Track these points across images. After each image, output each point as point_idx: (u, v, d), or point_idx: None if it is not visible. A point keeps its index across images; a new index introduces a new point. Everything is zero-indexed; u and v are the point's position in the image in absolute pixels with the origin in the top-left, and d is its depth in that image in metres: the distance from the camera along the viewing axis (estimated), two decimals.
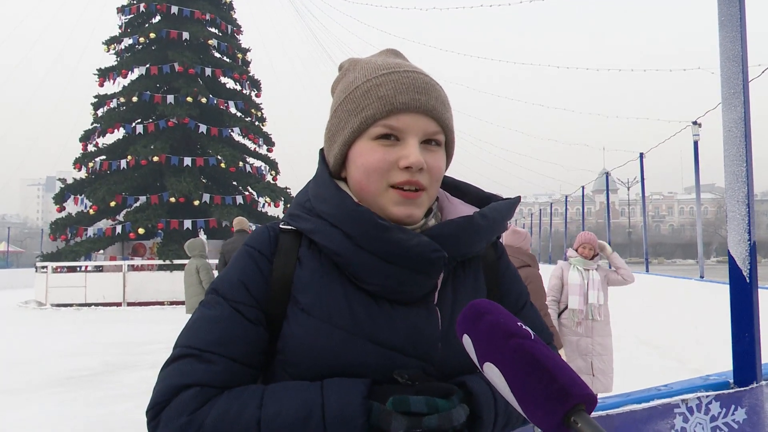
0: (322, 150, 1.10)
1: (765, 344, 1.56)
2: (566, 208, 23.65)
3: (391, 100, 0.97)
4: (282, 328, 0.98)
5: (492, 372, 0.71)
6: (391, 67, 1.01)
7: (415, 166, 0.95)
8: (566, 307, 5.20)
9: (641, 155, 13.95)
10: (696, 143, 10.76)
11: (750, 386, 1.31)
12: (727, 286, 1.36)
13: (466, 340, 0.75)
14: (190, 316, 1.05)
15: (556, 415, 0.64)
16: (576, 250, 5.41)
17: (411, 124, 0.97)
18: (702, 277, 9.66)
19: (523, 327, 0.72)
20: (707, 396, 1.25)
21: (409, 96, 0.98)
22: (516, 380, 0.68)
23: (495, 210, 1.05)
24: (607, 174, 18.67)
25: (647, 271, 13.02)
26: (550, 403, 0.64)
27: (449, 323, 1.00)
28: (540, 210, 35.00)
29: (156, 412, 0.91)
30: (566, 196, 23.98)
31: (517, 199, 1.11)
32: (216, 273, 10.13)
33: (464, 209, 1.07)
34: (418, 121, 0.98)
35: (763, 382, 1.35)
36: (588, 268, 5.27)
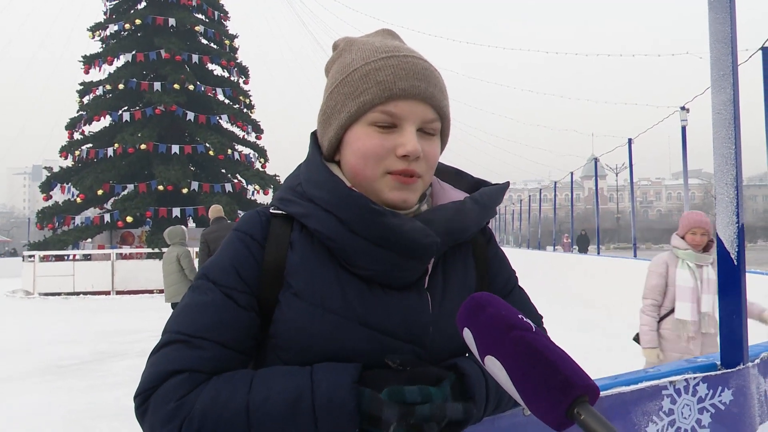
0: (314, 133, 1.08)
1: (752, 327, 1.57)
2: (555, 194, 23.73)
3: (390, 86, 0.95)
4: (274, 313, 0.97)
5: (494, 365, 0.70)
6: (390, 51, 0.99)
7: (412, 155, 0.95)
8: (668, 314, 4.08)
9: (629, 141, 14.01)
10: (684, 128, 10.81)
11: (737, 368, 1.32)
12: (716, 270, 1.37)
13: (467, 334, 0.74)
14: (170, 304, 1.04)
15: (559, 407, 0.64)
16: (683, 238, 4.09)
17: (409, 111, 0.96)
18: None
19: (524, 319, 0.71)
20: (695, 378, 1.25)
21: (408, 82, 0.96)
22: (518, 373, 0.67)
23: (486, 195, 1.05)
24: (596, 160, 18.74)
25: (635, 256, 13.13)
26: (553, 395, 0.64)
27: (440, 307, 1.00)
28: (529, 196, 35.11)
29: (144, 398, 0.90)
30: (555, 182, 24.05)
31: (507, 184, 1.11)
32: (197, 261, 10.04)
33: (455, 194, 1.07)
34: (416, 108, 0.96)
35: (750, 364, 1.36)
36: (702, 263, 4.00)
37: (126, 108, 21.78)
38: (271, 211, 1.03)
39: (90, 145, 21.72)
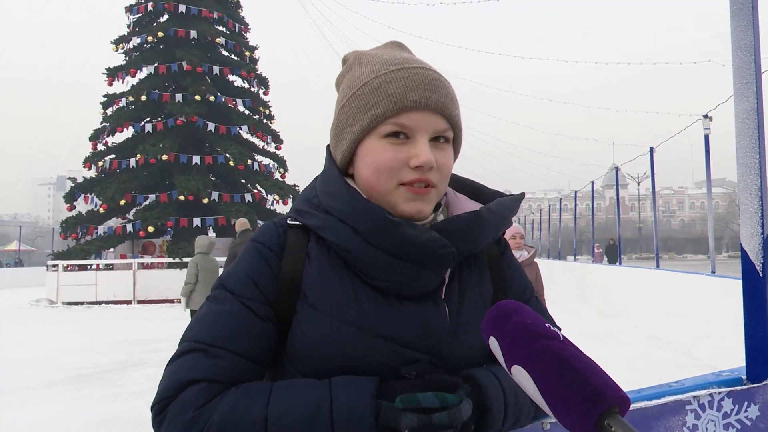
0: (328, 146, 1.08)
1: None
2: (576, 204, 23.53)
3: (401, 98, 0.96)
4: (291, 325, 0.97)
5: (520, 375, 0.69)
6: (400, 63, 1.00)
7: (426, 166, 0.95)
8: None
9: (651, 150, 13.85)
10: (707, 137, 10.65)
11: (763, 382, 1.29)
12: (739, 281, 1.34)
13: (493, 343, 0.73)
14: (189, 312, 1.05)
15: (589, 418, 0.62)
16: None
17: (421, 121, 0.96)
18: (713, 272, 9.57)
19: (551, 328, 0.70)
20: (719, 392, 1.23)
21: (419, 94, 0.96)
22: (546, 383, 0.66)
23: (501, 205, 1.05)
24: (617, 169, 18.54)
25: (658, 266, 12.95)
26: (582, 406, 0.63)
27: (456, 318, 0.99)
28: (549, 206, 34.85)
29: (162, 407, 0.90)
30: (575, 192, 23.84)
31: (522, 195, 1.12)
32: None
33: (470, 205, 1.06)
34: (428, 118, 0.97)
35: None
36: None
37: (148, 119, 22.07)
38: (288, 222, 1.03)
39: (113, 155, 22.03)
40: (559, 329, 1.13)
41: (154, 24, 23.06)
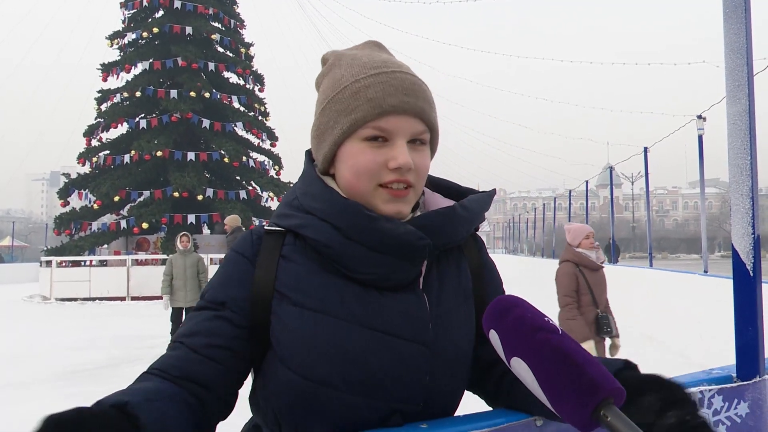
0: (308, 151, 1.13)
1: None
2: (570, 203, 23.61)
3: (380, 102, 0.99)
4: (271, 327, 1.00)
5: (520, 366, 0.71)
6: (378, 67, 1.03)
7: (404, 167, 0.99)
8: None
9: (645, 149, 13.91)
10: (700, 137, 10.71)
11: (753, 380, 1.31)
12: (731, 281, 1.36)
13: (493, 336, 0.75)
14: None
15: (585, 408, 0.64)
16: None
17: (399, 125, 1.00)
18: (706, 271, 9.63)
19: (550, 321, 0.72)
20: (710, 390, 1.24)
21: (397, 98, 1.00)
22: (544, 374, 0.68)
23: (474, 201, 1.10)
24: (611, 168, 18.61)
25: (651, 265, 13.01)
26: (579, 396, 0.65)
27: (437, 306, 1.04)
28: (543, 205, 34.94)
29: None
30: (570, 191, 23.94)
31: (493, 192, 1.18)
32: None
33: (444, 202, 1.12)
34: (406, 122, 1.01)
35: (766, 376, 1.35)
36: None
37: (143, 115, 22.01)
38: (265, 228, 1.08)
39: (107, 151, 21.98)
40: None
41: (150, 20, 22.98)
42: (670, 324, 9.09)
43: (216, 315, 1.01)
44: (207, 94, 21.51)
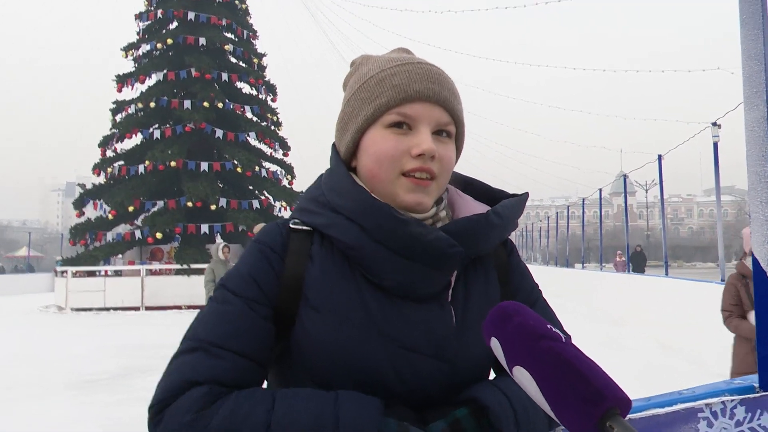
0: (334, 144, 1.10)
1: None
2: (583, 211, 23.46)
3: (405, 88, 0.98)
4: (294, 327, 0.97)
5: (522, 375, 0.69)
6: (405, 60, 1.03)
7: (427, 153, 0.96)
8: None
9: (659, 157, 13.81)
10: (715, 144, 10.62)
11: None
12: None
13: (494, 344, 0.73)
14: None
15: (590, 418, 0.63)
16: None
17: (424, 113, 0.98)
18: (723, 280, 9.51)
19: (553, 329, 0.71)
20: (732, 400, 1.22)
21: (423, 85, 0.99)
22: (548, 384, 0.67)
23: (507, 208, 1.05)
24: (625, 176, 18.49)
25: (666, 274, 12.88)
26: (584, 406, 0.63)
27: (462, 321, 0.99)
28: (557, 213, 34.74)
29: (160, 408, 0.88)
30: (583, 199, 23.77)
31: (526, 195, 1.11)
32: None
33: (476, 206, 1.07)
34: (431, 110, 0.99)
35: None
36: None
37: (157, 126, 22.16)
38: (290, 225, 1.03)
39: (122, 162, 22.12)
40: (569, 336, 1.14)
41: (164, 31, 23.19)
42: (686, 333, 8.99)
43: (254, 313, 0.95)
44: (220, 104, 21.63)
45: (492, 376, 1.06)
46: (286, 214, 22.95)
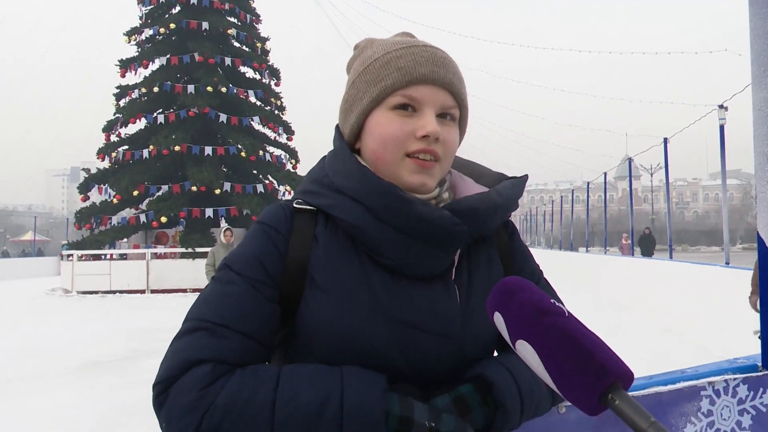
0: (337, 126, 1.10)
1: None
2: (588, 195, 23.44)
3: (410, 70, 0.98)
4: (299, 308, 0.97)
5: (525, 350, 0.70)
6: (410, 43, 1.03)
7: (432, 135, 0.96)
8: None
9: (665, 140, 13.75)
10: (722, 127, 10.54)
11: None
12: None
13: (498, 318, 0.74)
14: None
15: (593, 392, 0.64)
16: None
17: (429, 95, 0.99)
18: (727, 263, 9.51)
19: (556, 304, 0.71)
20: (734, 379, 1.23)
21: (428, 68, 0.99)
22: (551, 358, 0.67)
23: (508, 188, 1.06)
24: (630, 160, 18.44)
25: (671, 258, 12.87)
26: (587, 380, 0.64)
27: (466, 299, 1.00)
28: (561, 197, 34.68)
29: (164, 386, 0.88)
30: (588, 183, 23.73)
31: (525, 177, 1.13)
32: None
33: (477, 188, 1.08)
34: (435, 93, 0.99)
35: None
36: None
37: (160, 110, 22.14)
38: (294, 205, 1.03)
39: (126, 147, 22.15)
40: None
41: (166, 16, 23.09)
42: (690, 317, 9.00)
43: (259, 294, 0.95)
44: (224, 89, 21.58)
45: (496, 354, 1.07)
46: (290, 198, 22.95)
